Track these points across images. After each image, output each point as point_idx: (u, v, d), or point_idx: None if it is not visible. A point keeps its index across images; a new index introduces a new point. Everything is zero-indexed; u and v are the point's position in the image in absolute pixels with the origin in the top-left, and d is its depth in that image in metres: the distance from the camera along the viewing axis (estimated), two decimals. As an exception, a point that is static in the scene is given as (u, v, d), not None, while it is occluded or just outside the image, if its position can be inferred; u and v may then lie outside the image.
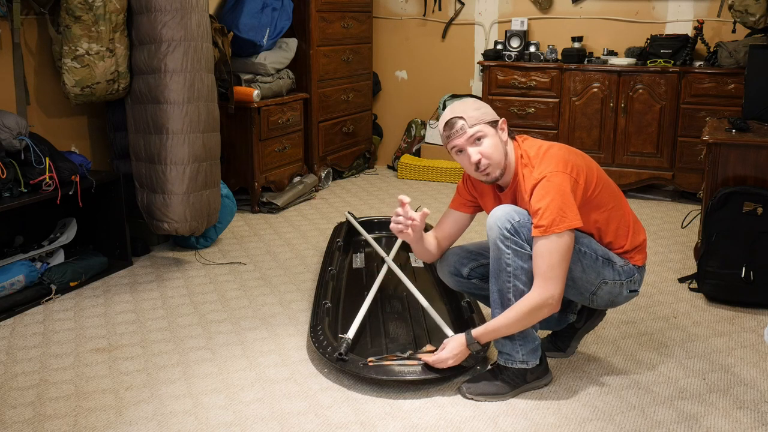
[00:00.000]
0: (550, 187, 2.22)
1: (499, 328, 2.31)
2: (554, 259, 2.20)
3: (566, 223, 2.19)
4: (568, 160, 2.29)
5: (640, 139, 4.87)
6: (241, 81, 4.51)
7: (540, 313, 2.25)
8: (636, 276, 2.44)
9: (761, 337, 2.84)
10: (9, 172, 3.09)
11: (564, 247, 2.20)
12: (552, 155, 2.30)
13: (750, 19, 4.16)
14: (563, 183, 2.23)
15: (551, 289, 2.21)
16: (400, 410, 2.33)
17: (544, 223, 2.20)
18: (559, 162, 2.27)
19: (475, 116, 2.32)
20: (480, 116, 2.32)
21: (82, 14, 3.31)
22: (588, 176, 2.31)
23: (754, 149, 3.11)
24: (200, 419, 2.29)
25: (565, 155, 2.31)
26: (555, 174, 2.24)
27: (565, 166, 2.26)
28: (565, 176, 2.24)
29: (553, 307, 2.24)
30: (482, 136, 2.31)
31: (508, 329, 2.30)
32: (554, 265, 2.20)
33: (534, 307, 2.23)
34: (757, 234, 3.02)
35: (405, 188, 5.32)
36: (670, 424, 2.25)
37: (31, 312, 3.12)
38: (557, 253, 2.20)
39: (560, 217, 2.19)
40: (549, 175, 2.24)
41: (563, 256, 2.21)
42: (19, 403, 2.39)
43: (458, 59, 5.76)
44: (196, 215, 3.55)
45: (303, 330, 2.93)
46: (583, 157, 2.38)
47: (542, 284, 2.22)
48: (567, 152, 2.34)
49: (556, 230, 2.19)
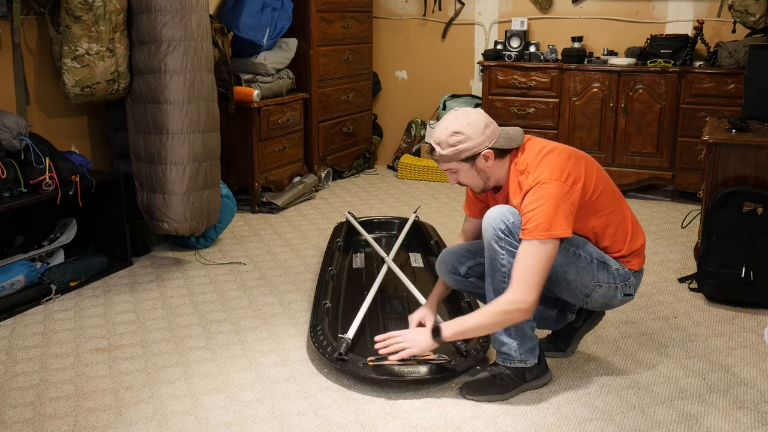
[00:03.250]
0: (542, 193, 2.21)
1: (467, 327, 2.29)
2: (532, 265, 2.18)
3: (551, 232, 2.17)
4: (565, 168, 2.26)
5: (640, 139, 4.87)
6: (241, 81, 4.51)
7: (510, 317, 2.22)
8: (631, 280, 2.43)
9: (761, 337, 2.84)
10: (9, 172, 3.09)
11: (545, 254, 2.18)
12: (549, 161, 2.27)
13: (750, 19, 4.16)
14: (555, 191, 2.21)
15: (524, 293, 2.18)
16: (400, 410, 2.33)
17: (528, 227, 2.19)
18: (555, 169, 2.25)
19: (448, 154, 2.30)
20: (453, 154, 2.29)
21: (82, 14, 3.30)
22: (586, 182, 2.29)
23: (754, 149, 3.11)
24: (200, 419, 2.29)
25: (562, 163, 2.27)
26: (549, 182, 2.22)
27: (561, 173, 2.24)
28: (558, 184, 2.22)
29: (526, 312, 2.21)
30: (455, 171, 2.34)
31: (477, 330, 2.31)
32: (531, 271, 2.18)
33: (505, 310, 2.21)
34: (757, 234, 3.02)
35: (405, 188, 5.32)
36: (670, 424, 2.25)
37: (31, 312, 3.12)
38: (537, 259, 2.18)
39: (546, 225, 2.17)
40: (542, 181, 2.22)
41: (543, 263, 2.18)
42: (19, 403, 2.39)
43: (458, 59, 5.76)
44: (196, 215, 3.55)
45: (303, 330, 2.93)
46: (584, 160, 2.35)
47: (516, 288, 2.19)
48: (566, 158, 2.30)
49: (539, 236, 2.17)
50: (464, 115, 2.31)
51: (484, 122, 2.31)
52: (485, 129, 2.30)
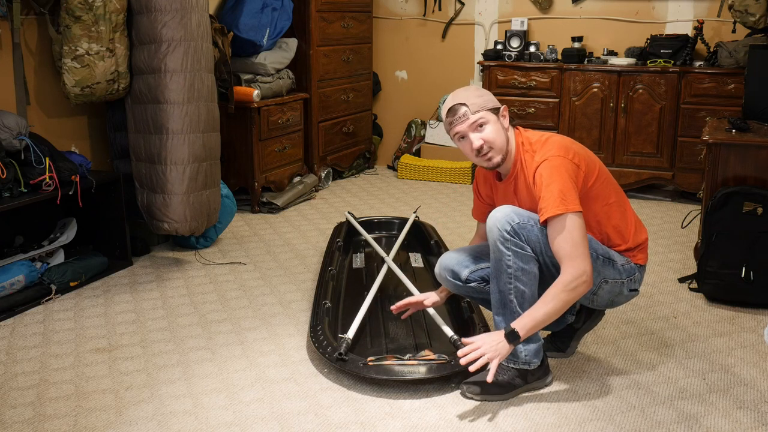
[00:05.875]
0: (552, 169, 2.24)
1: (539, 320, 2.23)
2: (570, 238, 2.19)
3: (566, 206, 2.20)
4: (570, 148, 2.33)
5: (640, 139, 4.87)
6: (241, 81, 4.51)
7: (576, 292, 2.21)
8: (637, 275, 2.44)
9: (761, 337, 2.84)
10: (9, 172, 3.09)
11: (573, 225, 2.19)
12: (554, 142, 2.34)
13: (750, 19, 4.16)
14: (564, 166, 2.25)
15: (580, 266, 2.19)
16: (400, 410, 2.33)
17: (545, 206, 2.22)
18: (561, 148, 2.30)
19: (477, 103, 2.34)
20: (482, 103, 2.35)
21: (82, 14, 3.30)
22: (589, 165, 2.34)
23: (754, 149, 3.11)
24: (200, 419, 2.29)
25: (567, 143, 2.35)
26: (556, 158, 2.27)
27: (567, 152, 2.30)
28: (566, 161, 2.26)
29: (588, 283, 2.20)
30: (484, 122, 2.34)
31: (549, 318, 2.24)
32: (572, 243, 2.19)
33: (569, 288, 2.19)
34: (757, 234, 3.02)
35: (405, 188, 5.32)
36: (670, 424, 2.25)
37: (31, 312, 3.12)
38: (570, 231, 2.19)
39: (561, 200, 2.20)
40: (550, 158, 2.27)
41: (577, 232, 2.19)
42: (19, 403, 2.39)
43: (458, 59, 5.76)
44: (196, 215, 3.55)
45: (303, 330, 2.93)
46: (584, 149, 2.42)
47: (571, 263, 2.19)
48: (570, 141, 2.38)
49: (558, 212, 2.19)
50: (471, 85, 2.43)
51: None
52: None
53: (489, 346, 2.23)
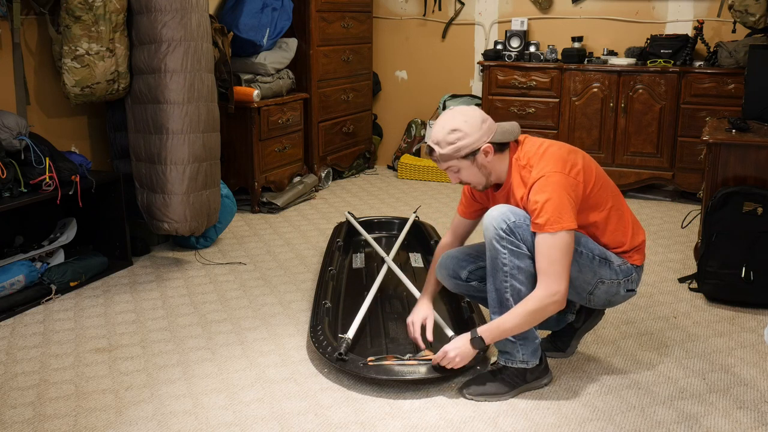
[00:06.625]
0: (548, 185, 2.23)
1: (505, 328, 2.28)
2: (554, 256, 2.20)
3: (561, 224, 2.19)
4: (567, 160, 2.29)
5: (640, 139, 4.87)
6: (241, 81, 4.51)
7: (546, 310, 2.23)
8: (633, 275, 2.44)
9: (761, 337, 2.84)
10: (9, 172, 3.09)
11: (561, 244, 2.20)
12: (551, 155, 2.30)
13: (750, 19, 4.16)
14: (561, 183, 2.23)
15: (554, 285, 2.20)
16: (400, 410, 2.33)
17: (539, 221, 2.21)
18: (558, 162, 2.27)
19: (447, 153, 2.29)
20: (453, 152, 2.29)
21: (82, 14, 3.30)
22: (586, 175, 2.31)
23: (754, 149, 3.11)
24: (200, 419, 2.29)
25: (564, 155, 2.31)
26: (553, 174, 2.24)
27: (564, 166, 2.27)
28: (563, 176, 2.24)
29: (559, 303, 2.22)
30: (456, 170, 2.34)
31: (514, 329, 2.27)
32: (554, 261, 2.20)
33: (539, 305, 2.22)
34: (757, 234, 3.02)
35: (405, 188, 5.32)
36: (670, 424, 2.25)
37: (31, 312, 3.12)
38: (555, 249, 2.19)
39: (556, 217, 2.19)
40: (547, 174, 2.24)
41: (562, 252, 2.20)
42: (19, 403, 2.39)
43: (458, 59, 5.76)
44: (196, 215, 3.55)
45: (303, 330, 2.93)
46: (581, 154, 2.38)
47: (545, 281, 2.21)
48: (567, 151, 2.33)
49: (551, 230, 2.19)
50: (460, 113, 2.32)
51: (480, 117, 2.31)
52: (482, 124, 2.30)
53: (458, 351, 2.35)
